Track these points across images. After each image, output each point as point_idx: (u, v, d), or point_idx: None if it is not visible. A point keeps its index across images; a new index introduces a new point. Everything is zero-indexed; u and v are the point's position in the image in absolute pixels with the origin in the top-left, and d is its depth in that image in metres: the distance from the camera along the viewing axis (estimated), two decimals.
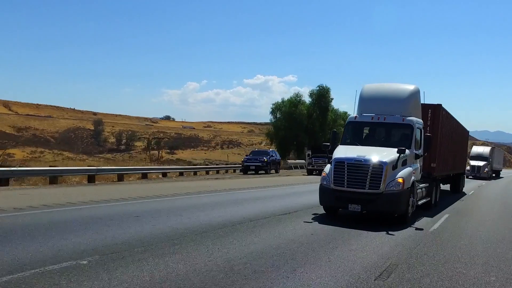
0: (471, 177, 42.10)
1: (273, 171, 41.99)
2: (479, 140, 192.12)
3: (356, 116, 14.18)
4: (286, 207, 14.74)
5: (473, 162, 45.08)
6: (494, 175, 49.13)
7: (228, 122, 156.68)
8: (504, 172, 60.57)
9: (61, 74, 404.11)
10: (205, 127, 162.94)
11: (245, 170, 40.79)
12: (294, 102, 64.39)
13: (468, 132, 28.08)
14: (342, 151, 12.97)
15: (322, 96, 64.77)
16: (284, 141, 63.96)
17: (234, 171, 45.45)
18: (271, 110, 65.60)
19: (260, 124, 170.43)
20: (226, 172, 43.90)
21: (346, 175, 12.25)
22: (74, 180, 23.79)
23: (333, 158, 12.76)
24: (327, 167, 13.01)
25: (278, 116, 64.66)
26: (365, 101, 14.38)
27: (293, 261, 7.54)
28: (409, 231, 11.33)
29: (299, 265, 7.26)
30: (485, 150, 48.62)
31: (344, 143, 13.84)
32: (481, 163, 44.94)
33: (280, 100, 66.07)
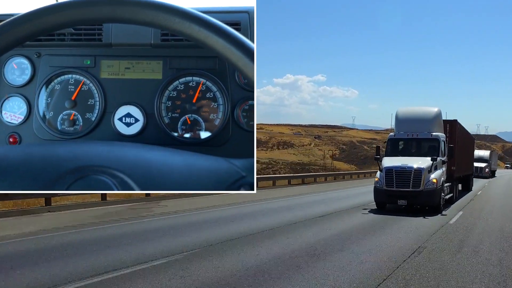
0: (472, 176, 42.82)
1: None
2: (509, 142, 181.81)
3: (394, 134, 15.44)
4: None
5: (475, 164, 44.84)
6: (491, 174, 49.63)
7: (277, 124, 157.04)
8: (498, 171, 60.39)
9: None
10: (258, 129, 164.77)
11: None
12: None
13: (474, 139, 30.18)
14: (389, 161, 14.17)
15: None
16: None
17: None
18: None
19: (305, 126, 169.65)
20: None
21: (394, 178, 13.56)
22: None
23: (383, 167, 14.01)
24: (378, 173, 14.32)
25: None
26: (400, 121, 15.53)
27: (364, 230, 9.70)
28: (439, 216, 12.79)
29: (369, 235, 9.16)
30: (485, 153, 48.97)
31: (388, 155, 14.93)
32: (482, 165, 45.05)
33: None
